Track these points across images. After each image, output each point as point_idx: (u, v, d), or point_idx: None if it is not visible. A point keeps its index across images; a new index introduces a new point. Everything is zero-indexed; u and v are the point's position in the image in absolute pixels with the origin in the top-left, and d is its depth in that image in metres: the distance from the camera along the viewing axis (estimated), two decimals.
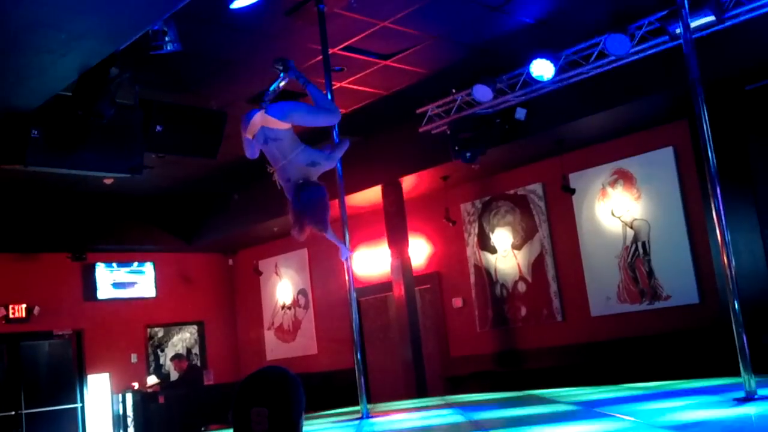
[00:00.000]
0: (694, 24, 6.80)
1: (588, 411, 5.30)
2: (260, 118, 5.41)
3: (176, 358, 13.58)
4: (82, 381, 13.40)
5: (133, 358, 14.09)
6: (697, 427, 3.97)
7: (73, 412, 13.11)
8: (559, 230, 10.78)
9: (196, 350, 15.06)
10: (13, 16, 5.50)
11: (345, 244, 6.49)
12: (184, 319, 15.00)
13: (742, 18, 7.35)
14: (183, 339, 14.98)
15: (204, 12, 6.88)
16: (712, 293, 9.03)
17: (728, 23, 7.37)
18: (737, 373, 4.90)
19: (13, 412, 12.35)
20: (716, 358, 7.58)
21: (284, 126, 5.41)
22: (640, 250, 9.84)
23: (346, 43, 8.01)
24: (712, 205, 5.05)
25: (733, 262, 5.00)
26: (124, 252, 13.99)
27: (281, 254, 14.67)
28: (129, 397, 13.23)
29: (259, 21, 7.29)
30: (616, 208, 10.10)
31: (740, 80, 8.32)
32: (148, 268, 14.32)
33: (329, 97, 6.60)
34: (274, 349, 14.74)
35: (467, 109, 9.32)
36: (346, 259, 6.74)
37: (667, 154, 9.68)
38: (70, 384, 13.20)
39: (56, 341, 13.25)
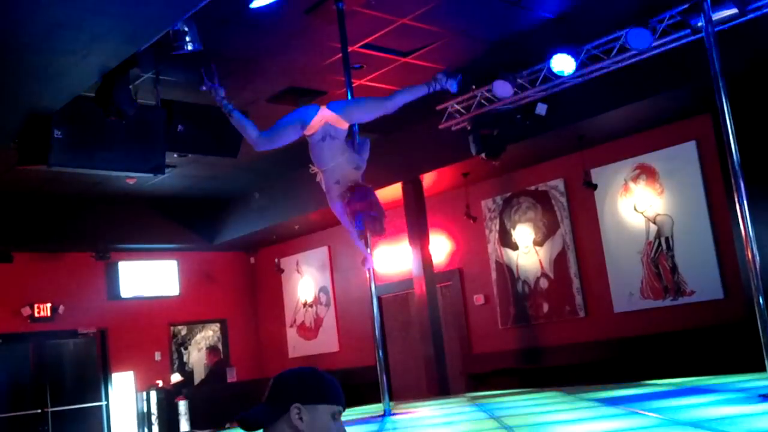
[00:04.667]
0: (716, 17, 6.73)
1: (612, 408, 5.27)
2: (324, 115, 5.42)
3: (210, 349, 13.67)
4: (106, 379, 13.53)
5: (157, 356, 14.19)
6: (722, 424, 3.94)
7: (98, 410, 13.22)
8: (581, 226, 10.72)
9: (219, 348, 15.14)
10: (36, 17, 5.55)
11: (369, 252, 6.42)
12: (206, 317, 15.09)
13: (765, 10, 7.25)
14: (206, 337, 15.08)
15: (224, 12, 6.90)
16: (737, 289, 8.93)
17: (751, 15, 7.27)
18: (762, 369, 4.86)
19: (39, 410, 12.48)
20: (741, 354, 7.51)
21: (345, 125, 5.46)
22: (664, 245, 9.76)
23: (365, 41, 8.00)
24: (736, 200, 5.01)
25: (758, 257, 4.95)
26: (147, 251, 14.09)
27: (302, 252, 14.72)
28: (153, 394, 13.33)
29: (279, 20, 7.31)
30: (639, 203, 10.03)
31: (763, 73, 8.23)
32: (171, 266, 14.41)
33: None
34: (296, 346, 14.78)
35: (487, 105, 9.28)
36: (369, 269, 6.72)
37: (690, 148, 9.60)
38: (94, 382, 13.31)
39: (81, 340, 13.37)
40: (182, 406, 12.50)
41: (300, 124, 5.48)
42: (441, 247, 12.21)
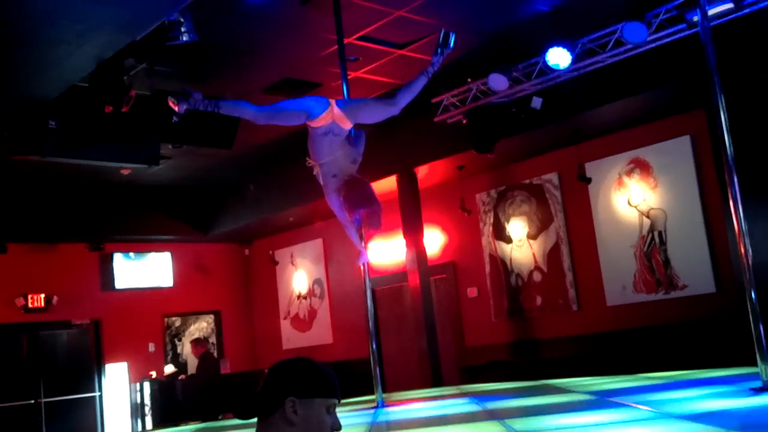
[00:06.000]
0: (712, 11, 6.75)
1: (604, 401, 5.29)
2: (334, 113, 5.40)
3: (195, 342, 13.65)
4: (100, 370, 13.52)
5: (151, 347, 14.19)
6: (713, 417, 3.96)
7: (92, 401, 13.24)
8: (574, 220, 10.75)
9: (212, 339, 15.15)
10: (30, 7, 5.53)
11: (364, 246, 6.41)
12: (200, 309, 15.10)
13: (760, 5, 7.26)
14: (200, 328, 15.08)
15: (219, 2, 6.89)
16: (729, 283, 8.97)
17: (746, 10, 7.28)
18: (754, 363, 4.89)
19: (32, 401, 12.49)
20: (733, 348, 7.55)
21: (350, 125, 5.47)
22: (657, 239, 9.79)
23: (361, 33, 8.00)
24: (730, 195, 5.02)
25: (750, 252, 4.97)
26: (141, 242, 14.08)
27: (297, 244, 14.72)
28: (147, 385, 13.33)
29: (275, 11, 7.29)
30: (633, 197, 10.05)
31: (759, 68, 8.24)
32: (165, 257, 14.41)
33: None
34: (290, 338, 14.80)
35: (483, 98, 9.28)
36: (363, 264, 6.72)
37: (684, 143, 9.62)
38: (88, 373, 13.32)
39: (74, 330, 13.37)
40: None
41: (306, 115, 5.44)
42: (435, 240, 12.23)
